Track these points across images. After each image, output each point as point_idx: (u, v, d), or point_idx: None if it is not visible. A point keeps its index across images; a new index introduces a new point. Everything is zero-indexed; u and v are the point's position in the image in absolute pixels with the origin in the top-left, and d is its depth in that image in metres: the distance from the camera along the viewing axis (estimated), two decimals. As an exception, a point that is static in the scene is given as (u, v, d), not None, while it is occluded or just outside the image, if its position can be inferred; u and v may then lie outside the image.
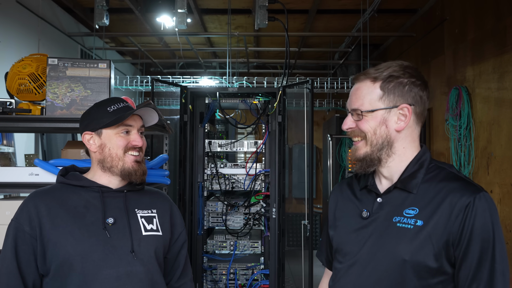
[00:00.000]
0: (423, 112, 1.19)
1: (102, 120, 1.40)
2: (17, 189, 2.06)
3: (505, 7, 3.48)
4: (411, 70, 1.18)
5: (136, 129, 1.43)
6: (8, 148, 3.73)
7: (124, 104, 1.44)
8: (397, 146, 1.17)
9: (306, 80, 3.05)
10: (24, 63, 2.07)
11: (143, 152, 1.45)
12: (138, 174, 1.41)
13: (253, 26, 5.19)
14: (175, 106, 7.39)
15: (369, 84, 1.18)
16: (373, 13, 4.72)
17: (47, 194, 1.38)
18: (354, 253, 1.18)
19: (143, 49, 6.47)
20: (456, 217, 1.06)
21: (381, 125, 1.16)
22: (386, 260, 1.11)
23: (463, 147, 3.99)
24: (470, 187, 1.09)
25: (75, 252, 1.29)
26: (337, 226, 1.29)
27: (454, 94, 4.08)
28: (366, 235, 1.17)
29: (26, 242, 1.31)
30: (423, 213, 1.10)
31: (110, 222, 1.36)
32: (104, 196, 1.39)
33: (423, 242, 1.07)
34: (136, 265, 1.34)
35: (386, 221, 1.15)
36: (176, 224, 1.52)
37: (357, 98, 1.19)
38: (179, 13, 3.95)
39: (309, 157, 2.99)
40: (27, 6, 4.34)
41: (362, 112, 1.17)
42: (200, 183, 3.07)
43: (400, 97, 1.15)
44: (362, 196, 1.24)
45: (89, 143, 1.43)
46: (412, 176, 1.15)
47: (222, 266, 3.06)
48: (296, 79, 5.75)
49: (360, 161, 1.19)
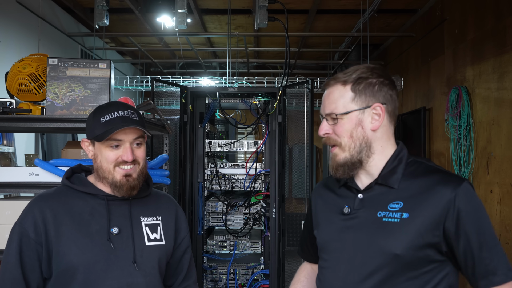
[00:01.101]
0: (395, 110, 1.22)
1: (94, 131, 1.35)
2: (17, 189, 2.07)
3: (505, 7, 3.48)
4: (378, 70, 1.21)
5: (128, 142, 1.35)
6: (8, 148, 3.73)
7: (119, 114, 1.35)
8: (375, 146, 1.19)
9: (306, 80, 3.05)
10: (24, 63, 2.07)
11: (138, 164, 1.38)
12: (125, 189, 1.35)
13: (253, 26, 5.19)
14: (175, 106, 7.39)
15: (340, 88, 1.20)
16: (373, 13, 4.72)
17: (53, 198, 1.36)
18: (339, 250, 1.20)
19: (143, 49, 6.47)
20: (447, 209, 1.09)
21: (357, 127, 1.18)
22: (375, 255, 1.13)
23: (463, 147, 4.00)
24: (453, 178, 1.13)
25: (78, 262, 1.28)
26: (319, 225, 1.30)
27: (454, 94, 4.09)
28: (349, 231, 1.19)
29: (31, 248, 1.29)
30: (407, 206, 1.12)
31: (115, 232, 1.34)
32: (110, 204, 1.37)
33: (411, 234, 1.10)
34: (137, 276, 1.33)
35: (370, 216, 1.16)
36: (180, 229, 1.51)
37: (330, 102, 1.21)
38: (179, 13, 3.95)
39: (309, 157, 2.99)
40: (27, 6, 4.34)
41: (337, 115, 1.19)
42: (200, 183, 3.07)
43: (371, 97, 1.18)
44: (342, 193, 1.26)
45: (87, 149, 1.41)
46: (392, 172, 1.18)
47: (222, 266, 3.06)
48: (296, 79, 5.75)
49: (342, 166, 1.20)
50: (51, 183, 1.91)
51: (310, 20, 5.40)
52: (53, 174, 1.93)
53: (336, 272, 1.20)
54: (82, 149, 2.09)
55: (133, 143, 1.37)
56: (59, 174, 1.91)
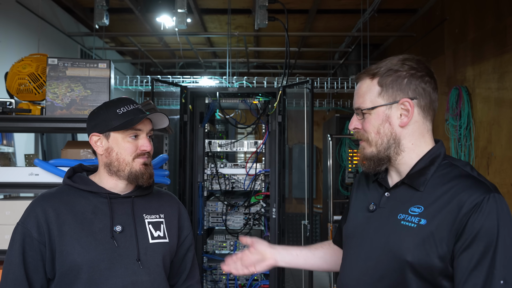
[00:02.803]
0: (431, 104, 1.12)
1: (111, 122, 1.34)
2: (17, 189, 2.06)
3: (505, 7, 3.48)
4: (411, 62, 1.13)
5: (145, 133, 1.38)
6: (8, 148, 3.73)
7: (134, 106, 1.38)
8: (405, 143, 1.12)
9: (306, 80, 3.05)
10: (24, 63, 2.07)
11: (151, 156, 1.41)
12: (145, 177, 1.37)
13: (253, 26, 5.19)
14: (175, 106, 7.39)
15: (368, 81, 1.15)
16: (373, 13, 4.72)
17: (55, 198, 1.34)
18: (359, 247, 1.16)
19: (143, 49, 6.46)
20: (462, 217, 1.00)
21: (384, 123, 1.12)
22: (388, 259, 1.08)
23: (463, 147, 3.99)
24: (481, 186, 1.02)
25: (82, 261, 1.27)
26: (348, 218, 1.28)
27: (454, 94, 4.08)
28: (370, 229, 1.15)
29: (34, 248, 1.28)
30: (427, 212, 1.05)
31: (118, 230, 1.33)
32: (112, 202, 1.36)
33: (425, 242, 1.02)
34: (142, 274, 1.32)
35: (391, 217, 1.11)
36: (183, 227, 1.50)
37: (359, 97, 1.17)
38: (179, 13, 3.94)
39: (309, 157, 2.99)
40: (27, 6, 4.34)
41: (363, 110, 1.15)
42: (200, 183, 3.07)
43: (399, 91, 1.11)
44: (373, 189, 1.21)
45: (96, 145, 1.38)
46: (420, 173, 1.10)
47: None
48: (296, 79, 5.75)
49: (367, 160, 1.15)
50: (51, 183, 1.91)
51: (310, 20, 5.40)
52: (53, 174, 1.93)
53: (352, 271, 1.17)
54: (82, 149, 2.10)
55: (147, 135, 1.40)
56: (59, 174, 1.91)
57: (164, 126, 1.46)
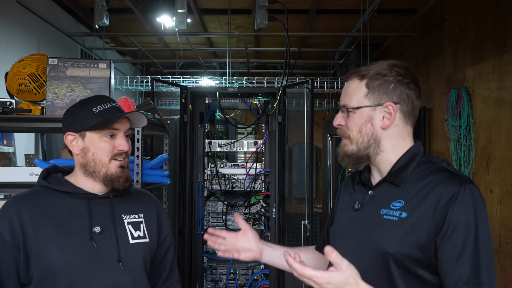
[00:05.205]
0: (412, 110, 1.19)
1: (86, 121, 1.29)
2: (17, 189, 2.06)
3: (505, 7, 3.48)
4: (399, 68, 1.19)
5: (123, 132, 1.33)
6: (8, 148, 3.73)
7: (111, 104, 1.33)
8: (384, 144, 1.18)
9: (306, 80, 3.05)
10: (24, 63, 2.07)
11: (128, 156, 1.36)
12: (122, 180, 1.32)
13: (253, 26, 5.19)
14: (175, 106, 7.39)
15: (357, 82, 1.21)
16: (373, 13, 4.72)
17: (30, 199, 1.28)
18: (345, 245, 1.20)
19: (143, 49, 6.47)
20: (441, 209, 1.05)
21: (366, 123, 1.17)
22: (371, 252, 1.13)
23: (463, 147, 4.00)
24: (456, 179, 1.08)
25: (60, 264, 1.22)
26: (334, 220, 1.32)
27: (454, 94, 4.08)
28: (355, 227, 1.20)
29: (7, 252, 1.22)
30: (408, 205, 1.10)
31: (97, 231, 1.29)
32: (90, 203, 1.32)
33: (406, 233, 1.07)
34: (123, 275, 1.29)
35: (374, 213, 1.16)
36: (163, 226, 1.47)
37: (346, 95, 1.22)
38: (179, 13, 3.95)
39: (309, 157, 2.99)
40: (27, 6, 4.34)
41: (348, 109, 1.20)
42: (200, 183, 3.07)
43: (384, 95, 1.17)
44: (358, 190, 1.27)
45: (71, 144, 1.33)
46: (401, 170, 1.16)
47: (222, 266, 3.06)
48: (296, 79, 5.75)
49: (347, 157, 1.21)
50: (51, 183, 1.90)
51: (310, 20, 5.40)
52: (53, 174, 1.93)
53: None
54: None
55: (125, 134, 1.35)
56: (59, 174, 1.91)
57: (143, 125, 1.42)
